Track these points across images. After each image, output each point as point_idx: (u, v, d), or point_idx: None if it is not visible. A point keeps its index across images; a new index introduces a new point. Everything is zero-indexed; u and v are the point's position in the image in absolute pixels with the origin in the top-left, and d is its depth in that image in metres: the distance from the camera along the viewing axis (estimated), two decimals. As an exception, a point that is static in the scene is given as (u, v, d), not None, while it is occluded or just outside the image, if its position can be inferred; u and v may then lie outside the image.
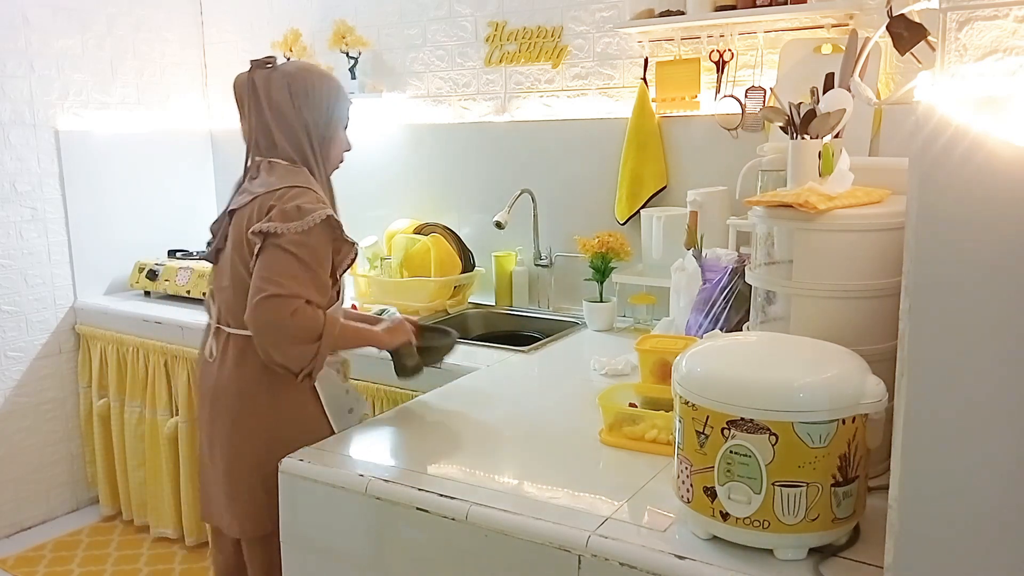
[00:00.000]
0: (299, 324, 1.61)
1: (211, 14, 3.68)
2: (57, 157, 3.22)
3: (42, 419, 3.24)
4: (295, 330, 1.61)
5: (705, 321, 1.97)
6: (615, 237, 2.52)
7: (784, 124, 1.54)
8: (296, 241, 1.62)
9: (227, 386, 1.74)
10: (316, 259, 1.65)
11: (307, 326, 1.62)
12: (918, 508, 0.93)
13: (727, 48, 2.45)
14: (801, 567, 1.11)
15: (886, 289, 1.28)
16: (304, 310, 1.62)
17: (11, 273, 3.12)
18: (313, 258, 1.64)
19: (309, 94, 1.74)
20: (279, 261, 1.62)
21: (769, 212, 1.39)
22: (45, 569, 2.95)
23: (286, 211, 1.63)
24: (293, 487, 1.54)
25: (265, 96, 1.74)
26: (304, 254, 1.63)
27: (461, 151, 3.05)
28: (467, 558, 1.33)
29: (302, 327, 1.62)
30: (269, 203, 1.66)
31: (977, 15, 0.86)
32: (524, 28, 2.84)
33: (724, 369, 1.15)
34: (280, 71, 1.76)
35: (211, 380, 1.78)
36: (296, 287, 1.61)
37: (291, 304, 1.60)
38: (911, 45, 1.50)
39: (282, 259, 1.62)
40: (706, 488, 1.14)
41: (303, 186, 1.69)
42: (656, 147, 2.60)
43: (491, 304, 2.95)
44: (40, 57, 3.15)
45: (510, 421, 1.73)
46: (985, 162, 0.84)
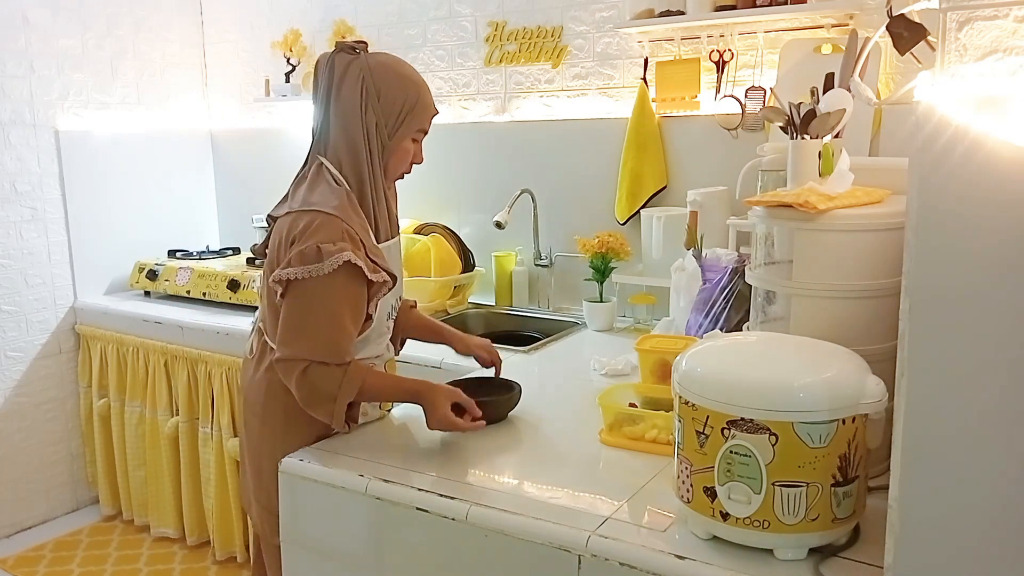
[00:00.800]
0: (309, 385, 1.52)
1: (211, 14, 3.68)
2: (57, 157, 3.22)
3: (42, 419, 3.24)
4: (306, 392, 1.53)
5: (705, 321, 1.97)
6: (615, 237, 2.52)
7: (784, 124, 1.54)
8: (315, 290, 1.51)
9: (257, 385, 1.69)
10: (337, 304, 1.53)
11: (318, 387, 1.52)
12: (918, 508, 0.93)
13: (727, 48, 2.45)
14: (801, 567, 1.11)
15: (886, 289, 1.28)
16: (314, 371, 1.51)
17: (11, 273, 3.12)
18: (334, 304, 1.52)
19: (382, 95, 1.60)
20: (292, 314, 1.53)
21: (769, 212, 1.39)
22: (45, 569, 2.95)
23: (304, 253, 1.51)
24: (293, 487, 1.54)
25: (338, 86, 1.60)
26: (325, 301, 1.52)
27: (461, 151, 3.05)
28: (467, 558, 1.33)
29: (312, 389, 1.52)
30: (293, 234, 1.54)
31: (977, 15, 0.86)
32: (524, 28, 2.84)
33: (724, 369, 1.15)
34: (362, 61, 1.61)
35: (247, 377, 1.73)
36: (305, 348, 1.51)
37: (297, 367, 1.52)
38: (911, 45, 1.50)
39: (297, 311, 1.53)
40: (706, 488, 1.14)
41: (331, 213, 1.54)
42: (656, 147, 2.60)
43: (491, 304, 2.95)
44: (40, 57, 3.15)
45: (510, 421, 1.73)
46: (985, 162, 0.84)
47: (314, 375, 1.52)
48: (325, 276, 1.50)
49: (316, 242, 1.50)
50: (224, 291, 3.01)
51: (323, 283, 1.50)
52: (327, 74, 1.61)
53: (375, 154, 1.62)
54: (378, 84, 1.60)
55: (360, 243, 1.55)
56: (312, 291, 1.51)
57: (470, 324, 2.84)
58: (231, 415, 2.76)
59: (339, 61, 1.60)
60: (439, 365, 2.26)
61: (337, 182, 1.60)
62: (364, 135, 1.60)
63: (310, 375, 1.52)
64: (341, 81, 1.60)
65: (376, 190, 1.64)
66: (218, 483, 2.84)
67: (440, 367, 2.25)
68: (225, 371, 2.74)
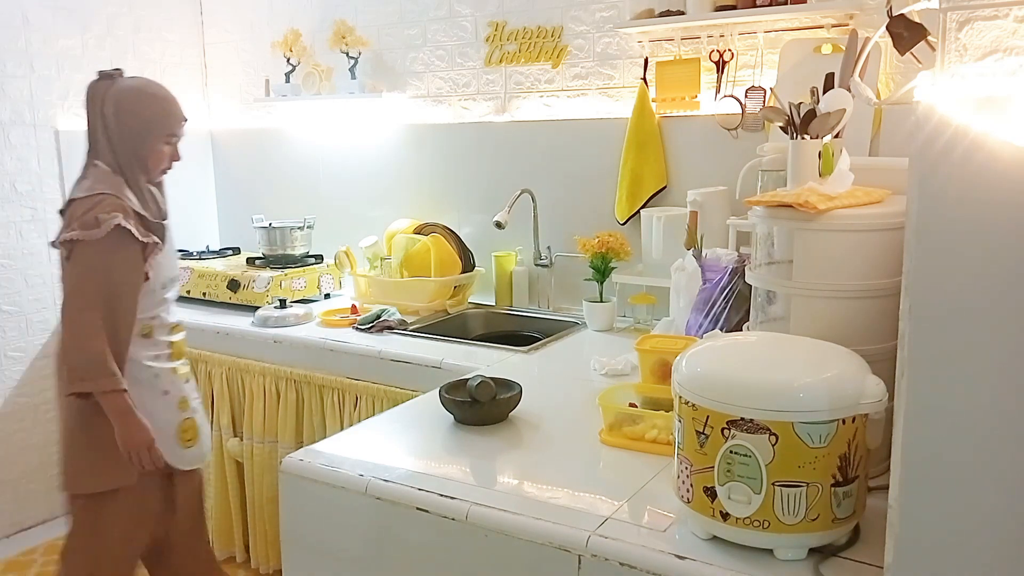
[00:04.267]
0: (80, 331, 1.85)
1: (211, 14, 3.68)
2: (57, 157, 3.22)
3: (42, 419, 3.23)
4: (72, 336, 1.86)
5: (705, 321, 1.97)
6: (615, 237, 2.52)
7: (784, 124, 1.54)
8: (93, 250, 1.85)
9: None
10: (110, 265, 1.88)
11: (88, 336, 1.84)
12: (918, 508, 0.93)
13: (727, 48, 2.45)
14: (801, 567, 1.11)
15: (886, 289, 1.28)
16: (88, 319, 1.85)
17: (11, 273, 3.12)
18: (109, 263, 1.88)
19: (125, 114, 1.98)
20: (73, 274, 1.88)
21: (769, 212, 1.39)
22: (39, 570, 2.95)
23: (85, 221, 1.87)
24: (293, 487, 1.54)
25: (99, 107, 1.99)
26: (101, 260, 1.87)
27: (461, 151, 3.05)
28: (467, 558, 1.33)
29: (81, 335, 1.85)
30: (80, 212, 1.89)
31: (977, 15, 0.86)
32: (524, 28, 2.84)
33: (724, 369, 1.15)
34: (116, 87, 2.00)
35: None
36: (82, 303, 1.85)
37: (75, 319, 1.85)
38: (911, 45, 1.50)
39: (77, 270, 1.87)
40: (706, 488, 1.14)
41: (108, 193, 1.91)
42: (656, 147, 2.60)
43: (491, 304, 2.95)
44: (40, 57, 3.15)
45: (510, 421, 1.73)
46: (985, 162, 0.84)
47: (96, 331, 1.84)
48: (102, 238, 1.85)
49: (95, 213, 1.87)
50: (224, 291, 3.01)
51: (100, 244, 1.85)
52: (90, 97, 2.01)
53: (128, 159, 1.99)
54: (128, 105, 1.99)
55: (133, 214, 1.93)
56: (90, 252, 1.86)
57: (470, 324, 2.84)
58: (231, 415, 2.76)
59: (94, 88, 2.01)
60: (439, 365, 2.26)
61: (111, 175, 1.97)
62: (119, 143, 1.98)
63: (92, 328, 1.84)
64: (103, 102, 1.99)
65: (137, 183, 2.00)
66: (217, 483, 2.84)
67: (440, 367, 2.25)
68: (225, 371, 2.74)
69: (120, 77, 2.04)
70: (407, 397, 2.15)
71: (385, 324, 2.61)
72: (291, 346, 2.58)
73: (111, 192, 1.92)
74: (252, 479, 2.72)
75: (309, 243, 3.21)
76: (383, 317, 2.65)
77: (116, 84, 2.01)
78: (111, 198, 1.91)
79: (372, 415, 2.05)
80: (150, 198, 2.04)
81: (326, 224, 3.31)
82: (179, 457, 2.03)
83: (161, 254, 2.01)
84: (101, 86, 2.01)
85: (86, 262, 1.86)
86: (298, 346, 2.57)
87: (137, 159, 2.00)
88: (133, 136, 1.99)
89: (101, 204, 1.89)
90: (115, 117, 1.98)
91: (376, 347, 2.41)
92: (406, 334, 2.57)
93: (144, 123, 2.00)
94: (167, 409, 2.02)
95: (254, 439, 2.67)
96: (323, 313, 2.79)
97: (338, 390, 2.47)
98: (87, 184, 1.97)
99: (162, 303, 2.07)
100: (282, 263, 3.08)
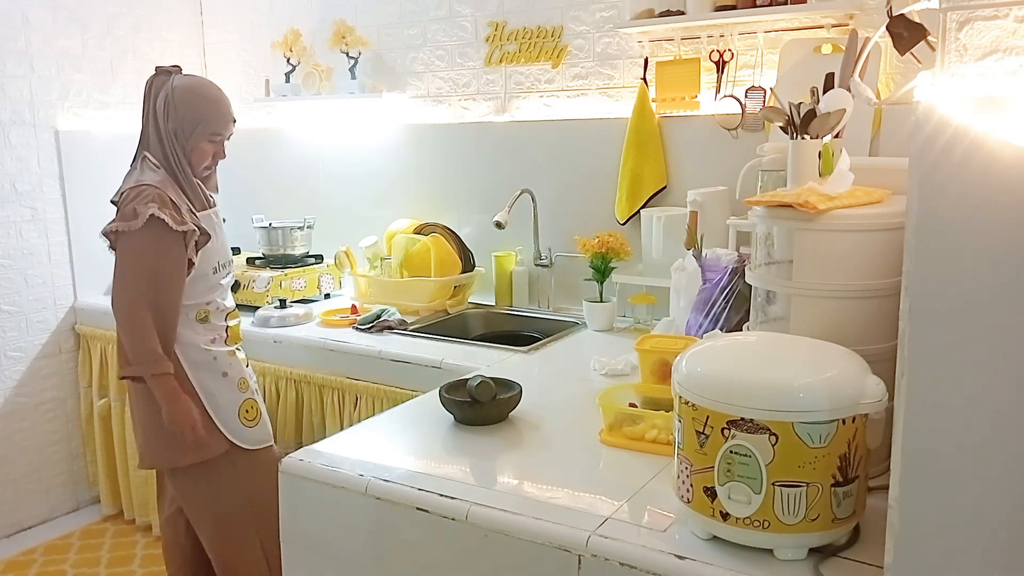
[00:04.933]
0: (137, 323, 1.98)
1: (211, 14, 3.68)
2: (57, 157, 3.22)
3: (42, 419, 3.24)
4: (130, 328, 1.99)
5: (705, 321, 1.97)
6: (615, 237, 2.52)
7: (784, 124, 1.54)
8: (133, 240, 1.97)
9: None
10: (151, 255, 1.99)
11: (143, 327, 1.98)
12: (918, 508, 0.93)
13: (727, 48, 2.45)
14: (801, 567, 1.11)
15: (886, 289, 1.28)
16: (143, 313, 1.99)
17: (11, 273, 3.12)
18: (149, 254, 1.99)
19: (176, 110, 2.07)
20: (120, 262, 2.00)
21: (769, 212, 1.39)
22: (39, 570, 2.95)
23: (124, 212, 1.99)
24: (293, 486, 1.54)
25: (152, 101, 2.10)
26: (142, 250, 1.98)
27: (461, 151, 3.05)
28: (467, 558, 1.33)
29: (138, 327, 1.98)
30: (124, 204, 2.00)
31: (977, 15, 0.86)
32: (524, 28, 2.84)
33: (724, 369, 1.15)
34: (170, 83, 2.09)
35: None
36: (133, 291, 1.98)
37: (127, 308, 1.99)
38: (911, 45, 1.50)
39: (121, 260, 2.00)
40: (706, 488, 1.14)
41: (150, 184, 2.01)
42: (656, 147, 2.60)
43: (491, 304, 2.95)
44: (40, 57, 3.15)
45: (510, 421, 1.73)
46: (985, 162, 0.84)
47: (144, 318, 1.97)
48: (140, 229, 1.95)
49: (134, 205, 1.97)
50: (224, 291, 3.01)
51: (139, 235, 1.96)
52: (146, 91, 2.11)
53: (177, 151, 2.09)
54: (177, 101, 2.08)
55: (174, 205, 2.01)
56: (131, 242, 1.97)
57: (470, 324, 2.84)
58: (231, 415, 2.76)
59: (153, 82, 2.11)
60: (439, 365, 2.26)
61: (158, 167, 2.07)
62: (166, 138, 2.08)
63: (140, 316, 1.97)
64: (155, 97, 2.09)
65: (186, 176, 2.10)
66: (218, 483, 2.84)
67: (440, 367, 2.25)
68: (225, 371, 2.74)
69: (176, 74, 2.12)
70: (407, 397, 2.15)
71: (385, 324, 2.61)
72: (291, 346, 2.58)
73: (153, 184, 2.02)
74: (252, 479, 2.72)
75: (309, 243, 3.21)
76: (383, 317, 2.66)
77: (171, 80, 2.10)
78: (151, 189, 2.00)
79: (372, 415, 2.05)
80: (196, 190, 2.13)
81: (326, 224, 3.31)
82: (243, 436, 2.15)
83: (209, 242, 2.11)
84: (157, 81, 2.10)
85: (128, 252, 1.99)
86: (298, 346, 2.57)
87: (183, 156, 2.10)
88: (179, 132, 2.08)
89: (140, 196, 1.99)
90: (164, 112, 2.07)
91: (376, 347, 2.42)
92: (406, 334, 2.57)
93: (190, 121, 2.09)
94: (228, 390, 2.14)
95: (254, 439, 2.67)
96: (323, 313, 2.79)
97: (338, 390, 2.47)
98: (135, 176, 2.07)
99: (216, 288, 2.17)
100: (282, 263, 3.08)
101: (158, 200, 1.98)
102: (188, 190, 2.10)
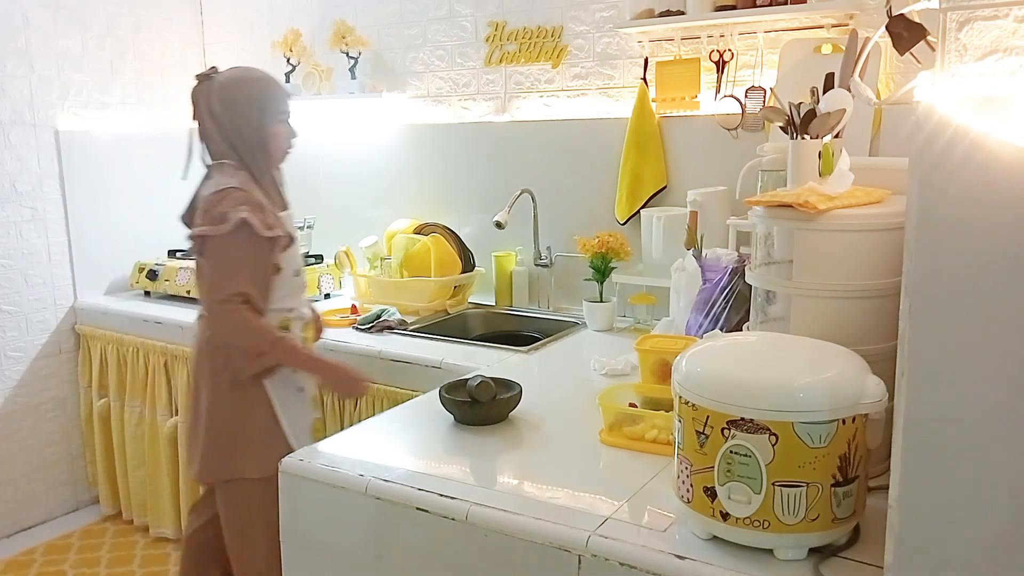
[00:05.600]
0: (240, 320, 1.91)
1: (211, 14, 3.68)
2: (57, 157, 3.22)
3: (42, 419, 3.24)
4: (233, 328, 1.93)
5: (705, 321, 1.97)
6: (615, 237, 2.52)
7: (784, 124, 1.54)
8: (222, 244, 1.91)
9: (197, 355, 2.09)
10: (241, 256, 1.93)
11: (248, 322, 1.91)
12: (918, 508, 0.93)
13: (727, 48, 2.45)
14: (801, 567, 1.11)
15: (886, 289, 1.28)
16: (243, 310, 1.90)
17: (11, 273, 3.12)
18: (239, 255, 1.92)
19: (234, 104, 1.99)
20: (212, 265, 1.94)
21: (769, 212, 1.39)
22: (39, 570, 2.95)
23: (212, 216, 1.91)
24: (293, 486, 1.54)
25: (205, 108, 2.01)
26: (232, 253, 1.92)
27: (461, 151, 3.05)
28: (467, 558, 1.33)
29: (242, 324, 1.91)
30: (209, 208, 1.93)
31: (977, 15, 0.86)
32: (524, 28, 2.84)
33: (724, 369, 1.15)
34: (214, 83, 2.01)
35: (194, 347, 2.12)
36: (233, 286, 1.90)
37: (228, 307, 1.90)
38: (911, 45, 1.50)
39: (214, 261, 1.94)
40: (706, 488, 1.14)
41: (235, 187, 1.94)
42: (656, 147, 2.60)
43: (491, 304, 2.95)
44: (40, 57, 3.15)
45: (510, 421, 1.73)
46: (985, 162, 0.84)
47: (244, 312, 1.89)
48: (230, 232, 1.88)
49: (221, 209, 1.90)
50: (224, 291, 3.01)
51: (228, 239, 1.89)
52: (194, 101, 2.03)
53: (250, 148, 2.00)
54: (229, 96, 2.00)
55: (261, 207, 1.94)
56: (220, 247, 1.91)
57: (470, 324, 2.84)
58: (231, 415, 2.76)
59: (196, 91, 2.03)
60: (439, 365, 2.26)
61: (238, 169, 1.99)
62: (238, 137, 2.00)
63: (241, 312, 1.89)
64: (207, 103, 2.00)
65: (262, 175, 2.03)
66: (218, 483, 2.84)
67: (440, 367, 2.25)
68: (225, 371, 2.74)
69: (217, 74, 2.05)
70: (407, 397, 2.15)
71: (385, 324, 2.61)
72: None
73: (238, 186, 1.95)
74: (252, 479, 2.71)
75: (309, 243, 3.21)
76: (383, 317, 2.66)
77: (215, 81, 2.02)
78: (238, 192, 1.94)
79: (372, 415, 2.05)
80: (274, 189, 2.08)
81: (326, 224, 3.31)
82: None
83: (292, 245, 2.06)
84: (202, 88, 2.02)
85: (218, 256, 1.93)
86: (298, 346, 2.56)
87: (258, 147, 2.01)
88: (248, 125, 1.99)
89: (227, 199, 1.92)
90: (225, 112, 1.99)
91: (376, 347, 2.41)
92: (406, 334, 2.57)
93: (255, 109, 2.00)
94: (302, 406, 2.10)
95: (254, 439, 2.67)
96: (323, 313, 2.79)
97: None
98: (214, 181, 1.99)
99: (298, 292, 2.11)
100: (282, 263, 3.07)
101: (247, 203, 1.92)
102: (270, 190, 2.05)
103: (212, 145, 2.02)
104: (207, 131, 2.01)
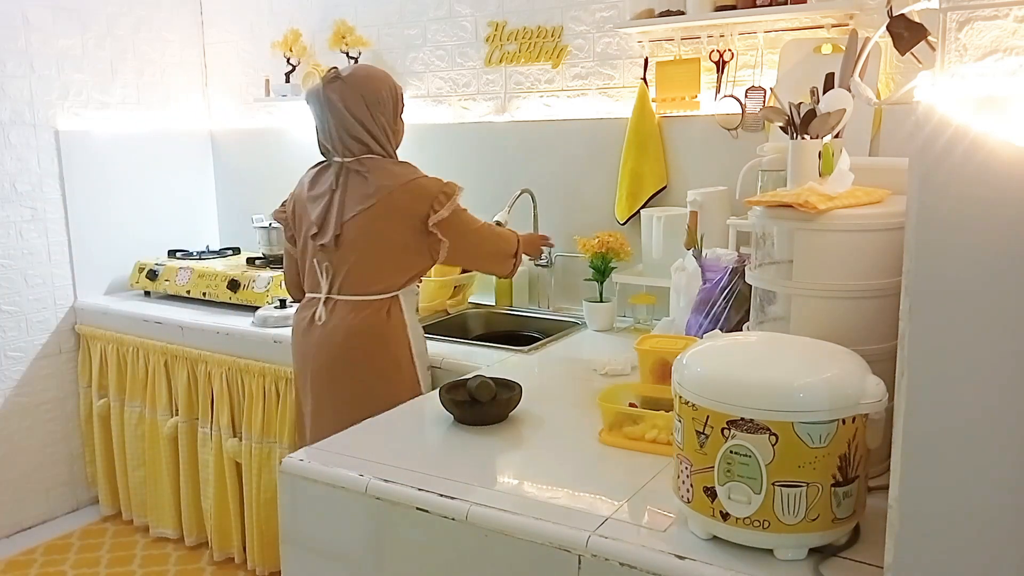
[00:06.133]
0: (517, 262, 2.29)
1: (211, 14, 3.68)
2: (57, 157, 3.22)
3: (42, 419, 3.24)
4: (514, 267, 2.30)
5: (705, 321, 1.96)
6: (615, 237, 2.52)
7: (784, 124, 1.54)
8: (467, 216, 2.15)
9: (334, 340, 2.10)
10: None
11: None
12: (918, 508, 0.93)
13: (727, 48, 2.45)
14: (801, 567, 1.11)
15: (886, 289, 1.28)
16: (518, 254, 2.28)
17: (11, 273, 3.12)
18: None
19: (380, 101, 2.09)
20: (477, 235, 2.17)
21: (769, 212, 1.39)
22: (39, 570, 2.95)
23: (438, 199, 2.06)
24: (293, 487, 1.54)
25: (344, 107, 2.06)
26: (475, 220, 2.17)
27: (461, 151, 3.05)
28: (467, 558, 1.33)
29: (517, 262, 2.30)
30: (420, 193, 2.06)
31: (977, 15, 0.86)
32: (524, 28, 2.84)
33: (724, 369, 1.15)
34: (349, 83, 2.06)
35: (315, 338, 2.13)
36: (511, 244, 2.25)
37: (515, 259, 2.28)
38: (911, 45, 1.50)
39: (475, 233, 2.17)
40: (706, 488, 1.14)
41: (422, 174, 2.11)
42: (656, 147, 2.60)
43: (491, 304, 2.95)
44: (40, 57, 3.15)
45: (510, 421, 1.73)
46: (985, 162, 0.84)
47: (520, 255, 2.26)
48: (461, 207, 2.11)
49: (438, 191, 2.07)
50: (224, 291, 3.01)
51: (464, 212, 2.12)
52: (328, 103, 2.06)
53: (392, 139, 2.15)
54: (374, 94, 2.08)
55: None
56: (467, 219, 2.14)
57: (470, 324, 2.84)
58: (230, 415, 2.76)
59: (331, 90, 2.06)
60: (439, 365, 2.26)
61: (385, 159, 2.11)
62: (383, 131, 2.11)
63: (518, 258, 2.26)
64: (345, 103, 2.05)
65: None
66: (217, 484, 2.84)
67: (440, 367, 2.25)
68: (225, 371, 2.74)
69: (341, 73, 2.10)
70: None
71: (385, 324, 2.61)
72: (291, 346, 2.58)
73: (422, 174, 2.12)
74: (250, 480, 2.71)
75: (309, 243, 3.20)
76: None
77: (345, 82, 2.08)
78: (425, 176, 2.11)
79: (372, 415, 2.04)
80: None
81: (326, 224, 3.30)
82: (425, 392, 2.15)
83: None
84: (332, 87, 2.07)
85: (470, 226, 2.14)
86: (298, 346, 2.56)
87: (395, 140, 2.16)
88: (388, 119, 2.12)
89: (431, 180, 2.10)
90: (367, 110, 2.07)
91: (376, 347, 2.41)
92: (406, 334, 2.56)
93: (392, 103, 2.13)
94: (424, 346, 2.22)
95: (252, 439, 2.67)
96: (323, 313, 2.78)
97: (338, 390, 2.46)
98: (376, 174, 2.07)
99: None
100: (282, 263, 3.08)
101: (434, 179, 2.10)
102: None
103: (353, 144, 2.09)
104: (346, 129, 2.07)
